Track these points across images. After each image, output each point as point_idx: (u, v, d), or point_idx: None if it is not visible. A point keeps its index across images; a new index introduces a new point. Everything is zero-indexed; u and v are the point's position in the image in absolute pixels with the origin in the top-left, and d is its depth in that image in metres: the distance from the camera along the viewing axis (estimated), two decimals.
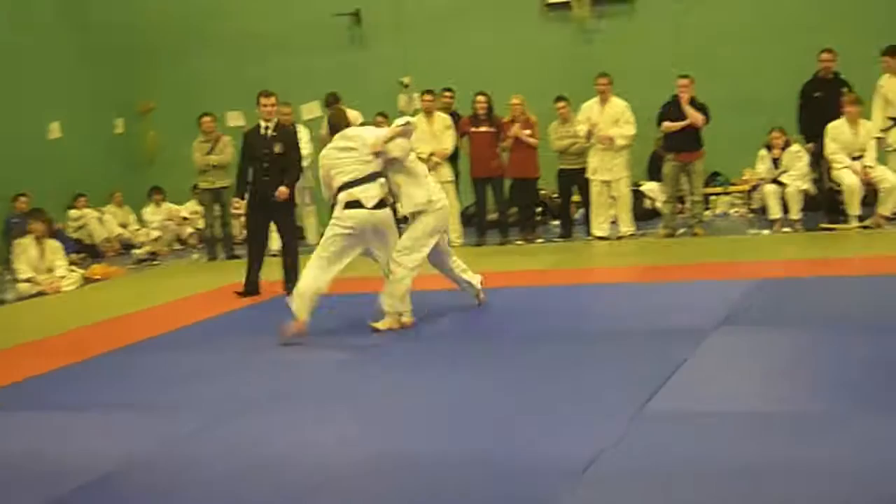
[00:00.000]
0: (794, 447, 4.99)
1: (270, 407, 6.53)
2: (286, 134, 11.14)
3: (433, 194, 8.66)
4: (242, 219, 12.65)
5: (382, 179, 8.39)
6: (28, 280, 12.66)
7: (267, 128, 11.03)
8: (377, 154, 8.31)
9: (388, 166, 8.43)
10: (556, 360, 7.12)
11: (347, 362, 7.59)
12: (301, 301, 8.22)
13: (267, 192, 10.76)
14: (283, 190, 10.73)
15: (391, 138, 8.30)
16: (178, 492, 5.13)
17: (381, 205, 8.30)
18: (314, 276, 8.31)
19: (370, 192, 8.27)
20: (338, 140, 8.49)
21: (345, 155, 8.35)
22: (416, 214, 8.52)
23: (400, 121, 8.50)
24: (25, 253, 12.82)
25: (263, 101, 11.10)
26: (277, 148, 10.85)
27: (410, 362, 7.49)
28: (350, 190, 8.24)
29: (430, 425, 5.85)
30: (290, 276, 10.42)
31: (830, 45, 13.16)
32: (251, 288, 10.98)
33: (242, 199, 11.13)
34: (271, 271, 10.90)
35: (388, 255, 8.46)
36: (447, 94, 14.61)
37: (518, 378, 6.74)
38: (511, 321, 8.66)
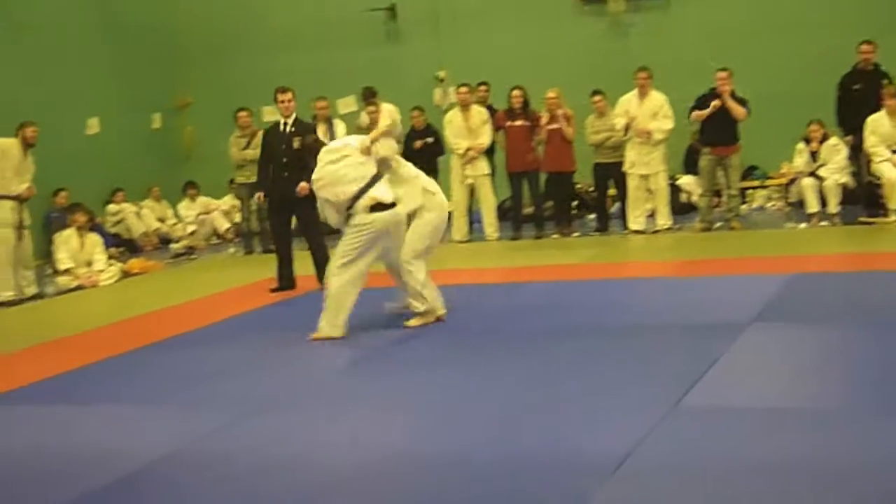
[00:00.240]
0: (826, 444, 4.95)
1: (290, 405, 6.53)
2: (306, 129, 10.89)
3: (429, 189, 8.68)
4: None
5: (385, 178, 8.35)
6: (67, 272, 12.73)
7: (286, 124, 11.00)
8: (367, 153, 8.27)
9: (380, 168, 8.35)
10: (591, 355, 7.10)
11: (371, 358, 7.57)
12: (337, 318, 8.15)
13: (287, 189, 10.67)
14: (303, 185, 10.35)
15: (376, 139, 8.23)
16: (197, 489, 5.16)
17: (395, 203, 8.25)
18: (352, 293, 8.22)
19: (386, 192, 8.21)
20: (325, 155, 8.28)
21: (341, 164, 8.17)
22: (413, 214, 8.48)
23: (384, 122, 8.46)
24: (66, 244, 12.90)
25: (280, 96, 11.09)
26: (296, 143, 10.59)
27: (444, 358, 7.46)
28: (368, 193, 8.10)
29: (461, 421, 5.83)
30: (322, 269, 10.27)
31: (870, 36, 13.04)
32: (286, 283, 10.98)
33: (265, 195, 11.23)
34: (305, 266, 10.90)
35: (398, 254, 8.40)
36: (482, 87, 14.61)
37: (551, 372, 6.72)
38: (545, 315, 8.62)
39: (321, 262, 10.37)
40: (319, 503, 4.79)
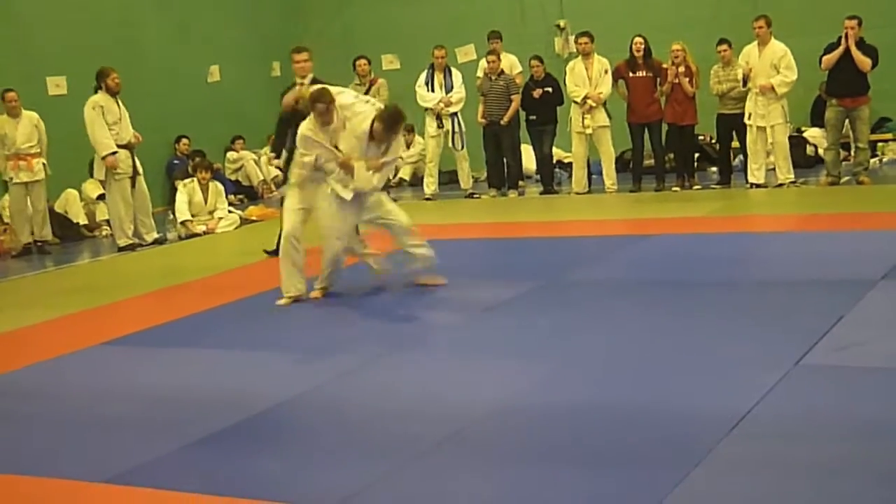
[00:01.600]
0: None
1: (409, 353, 6.58)
2: None
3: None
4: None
5: None
6: (188, 221, 12.94)
7: (301, 84, 10.40)
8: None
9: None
10: (713, 309, 6.99)
11: (492, 308, 7.54)
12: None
13: None
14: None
15: (377, 168, 7.91)
16: (316, 434, 5.24)
17: None
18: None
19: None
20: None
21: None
22: None
23: (395, 152, 8.24)
24: (189, 193, 13.10)
25: (296, 57, 10.64)
26: None
27: (565, 308, 7.41)
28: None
29: (581, 375, 5.79)
30: None
31: None
32: None
33: (279, 156, 10.69)
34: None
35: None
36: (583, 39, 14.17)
37: (673, 326, 6.63)
38: (667, 268, 8.52)
39: None
40: (436, 452, 4.78)
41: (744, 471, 4.24)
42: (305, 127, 7.95)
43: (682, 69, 13.24)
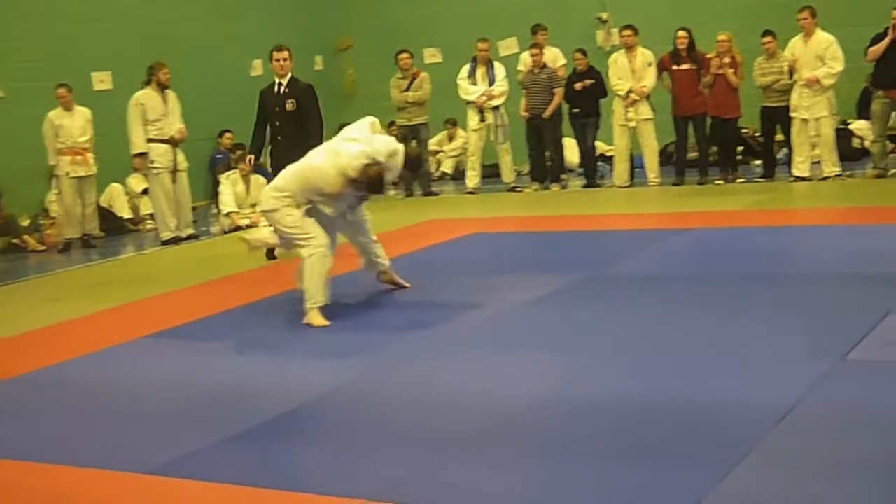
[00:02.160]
0: None
1: (451, 345, 6.57)
2: (300, 90, 10.29)
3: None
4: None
5: None
6: (233, 212, 12.99)
7: (280, 84, 10.31)
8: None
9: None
10: (757, 302, 6.92)
11: (534, 303, 7.51)
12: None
13: (283, 153, 9.64)
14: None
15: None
16: (355, 428, 5.22)
17: None
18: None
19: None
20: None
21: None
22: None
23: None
24: (231, 186, 13.16)
25: (276, 55, 10.37)
26: (289, 105, 10.18)
27: (606, 302, 7.37)
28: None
29: (621, 368, 5.77)
30: None
31: None
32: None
33: (257, 158, 10.94)
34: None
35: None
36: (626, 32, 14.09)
37: (716, 319, 6.58)
38: (710, 261, 8.48)
39: None
40: (474, 444, 4.77)
41: (789, 467, 4.19)
42: (338, 186, 7.41)
43: (726, 59, 13.14)
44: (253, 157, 10.89)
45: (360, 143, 7.40)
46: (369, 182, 7.35)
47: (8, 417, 5.89)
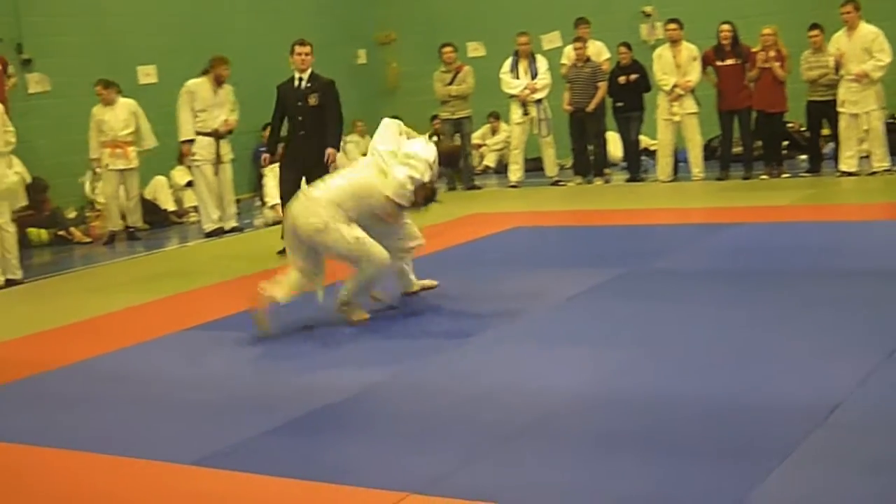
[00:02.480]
0: None
1: (498, 338, 6.57)
2: (322, 85, 10.09)
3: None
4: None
5: None
6: (275, 206, 13.02)
7: (301, 79, 10.11)
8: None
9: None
10: (801, 300, 6.86)
11: (580, 297, 7.49)
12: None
13: (302, 149, 9.88)
14: (331, 152, 9.87)
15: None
16: (394, 421, 5.25)
17: None
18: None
19: None
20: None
21: None
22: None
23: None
24: (275, 180, 13.16)
25: (298, 49, 10.16)
26: (312, 100, 9.96)
27: (643, 299, 7.32)
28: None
29: (664, 363, 5.73)
30: None
31: None
32: None
33: (272, 155, 10.55)
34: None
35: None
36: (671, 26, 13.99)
37: (757, 317, 6.52)
38: (756, 257, 8.40)
39: None
40: (518, 438, 4.77)
41: (833, 465, 4.16)
42: (391, 211, 7.22)
43: (772, 53, 13.03)
44: (269, 156, 10.64)
45: (403, 163, 7.14)
46: (425, 202, 7.28)
47: (54, 407, 5.95)
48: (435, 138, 8.01)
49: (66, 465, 4.95)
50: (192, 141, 12.20)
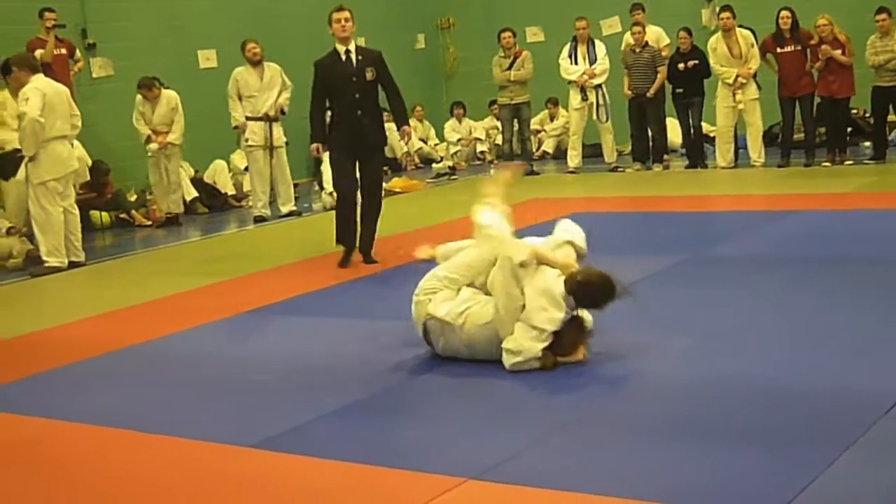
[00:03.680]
0: None
1: None
2: (374, 58, 8.93)
3: None
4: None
5: None
6: (332, 192, 13.06)
7: (348, 51, 8.84)
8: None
9: None
10: (861, 287, 6.79)
11: (636, 283, 7.39)
12: None
13: (360, 131, 8.81)
14: (408, 130, 9.26)
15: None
16: (449, 406, 5.26)
17: None
18: None
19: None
20: None
21: None
22: None
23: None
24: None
25: (336, 15, 8.87)
26: (370, 74, 8.77)
27: (704, 286, 7.27)
28: None
29: (725, 349, 5.69)
30: (368, 238, 9.01)
31: None
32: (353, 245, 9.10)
33: (323, 144, 9.11)
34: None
35: None
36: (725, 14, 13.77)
37: (818, 304, 6.47)
38: (819, 244, 8.33)
39: (368, 231, 8.99)
40: (574, 425, 4.76)
41: None
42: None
43: (829, 44, 12.80)
44: (319, 145, 9.09)
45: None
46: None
47: (116, 388, 6.02)
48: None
49: (125, 446, 5.01)
50: (236, 126, 12.35)
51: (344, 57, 8.79)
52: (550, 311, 5.50)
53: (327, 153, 9.27)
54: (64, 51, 12.54)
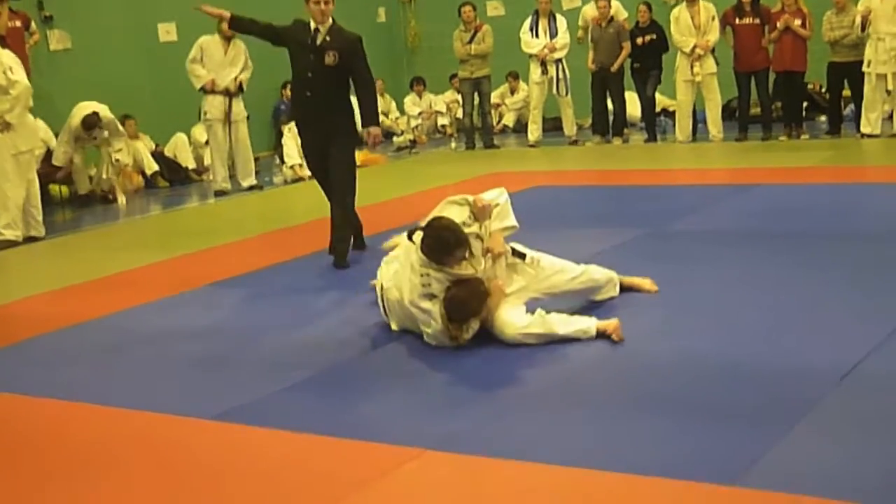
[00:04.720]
0: None
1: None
2: (345, 42, 8.02)
3: None
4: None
5: None
6: (297, 165, 13.04)
7: (317, 29, 8.01)
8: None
9: None
10: (818, 262, 6.85)
11: (596, 257, 7.47)
12: None
13: (312, 116, 7.98)
14: (376, 134, 8.05)
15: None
16: (413, 378, 5.29)
17: None
18: None
19: None
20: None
21: None
22: None
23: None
24: (295, 139, 13.19)
25: None
26: (329, 58, 7.86)
27: (663, 260, 7.29)
28: None
29: (682, 324, 5.75)
30: (340, 229, 7.99)
31: None
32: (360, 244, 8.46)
33: (231, 18, 8.67)
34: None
35: None
36: None
37: (776, 279, 6.53)
38: (771, 220, 8.38)
39: (340, 220, 7.97)
40: (541, 396, 4.81)
41: (849, 427, 4.17)
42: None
43: (794, 7, 12.90)
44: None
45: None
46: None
47: (77, 362, 6.00)
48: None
49: (89, 420, 5.01)
50: (210, 85, 12.29)
51: (312, 32, 7.99)
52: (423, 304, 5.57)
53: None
54: (19, 23, 12.28)
